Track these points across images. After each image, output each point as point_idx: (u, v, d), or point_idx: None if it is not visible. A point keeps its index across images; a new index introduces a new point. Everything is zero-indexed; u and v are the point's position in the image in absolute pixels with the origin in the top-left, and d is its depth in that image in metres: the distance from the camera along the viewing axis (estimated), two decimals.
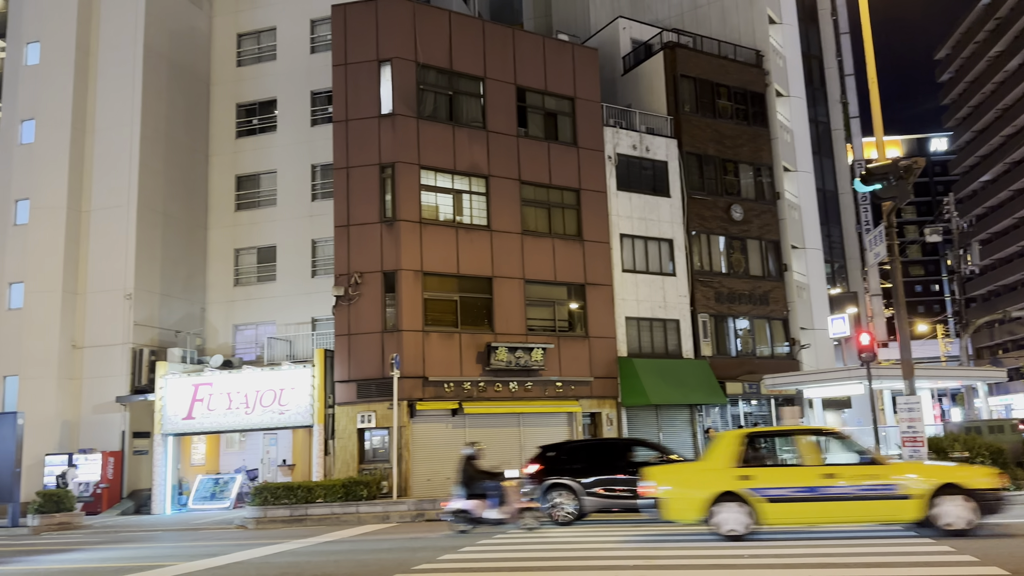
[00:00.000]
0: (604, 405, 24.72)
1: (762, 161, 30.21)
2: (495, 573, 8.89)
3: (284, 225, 27.33)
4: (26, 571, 11.61)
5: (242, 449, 25.75)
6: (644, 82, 29.89)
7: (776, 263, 29.68)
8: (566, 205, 25.37)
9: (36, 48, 26.58)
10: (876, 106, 16.83)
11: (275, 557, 11.50)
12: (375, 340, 21.97)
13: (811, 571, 8.01)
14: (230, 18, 29.42)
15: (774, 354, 28.89)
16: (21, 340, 24.59)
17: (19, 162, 25.99)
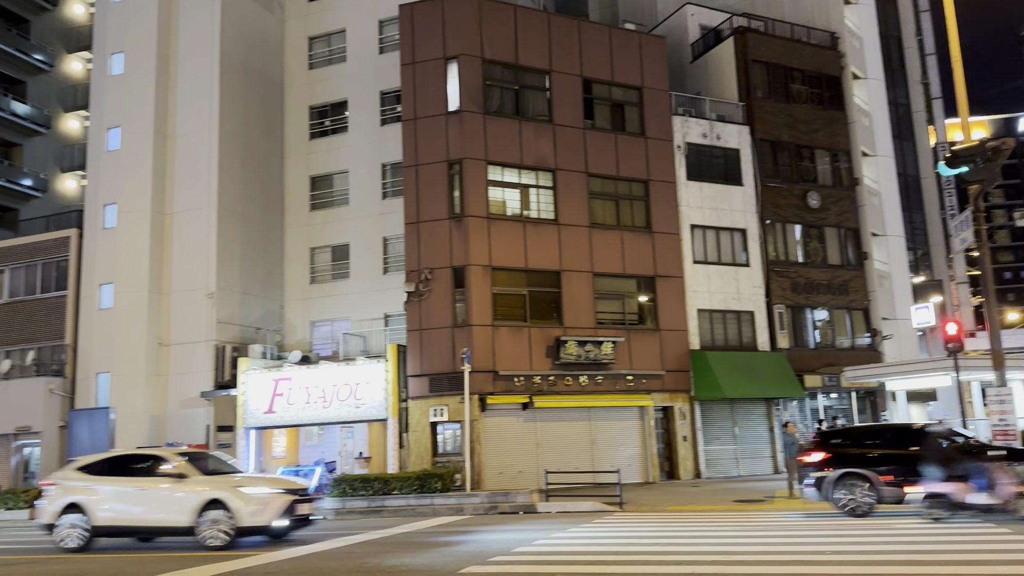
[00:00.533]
0: (676, 399, 24.41)
1: (839, 146, 29.27)
2: (567, 566, 8.88)
3: (356, 223, 27.87)
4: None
5: (320, 442, 26.42)
6: (714, 69, 29.32)
7: (856, 251, 28.73)
8: (634, 197, 25.11)
9: (120, 58, 27.75)
10: (960, 85, 16.10)
11: (354, 547, 11.77)
12: (446, 335, 22.21)
13: None
14: (301, 22, 30.13)
15: (854, 345, 28.00)
16: (112, 339, 25.77)
17: (106, 168, 27.20)
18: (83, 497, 12.99)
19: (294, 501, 12.68)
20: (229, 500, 12.29)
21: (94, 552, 12.88)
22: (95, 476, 13.26)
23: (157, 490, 12.76)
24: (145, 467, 13.29)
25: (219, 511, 12.26)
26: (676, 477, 24.03)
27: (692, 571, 8.15)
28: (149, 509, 12.75)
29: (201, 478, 12.76)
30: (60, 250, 27.96)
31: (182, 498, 12.48)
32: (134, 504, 12.84)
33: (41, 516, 13.42)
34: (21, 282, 28.51)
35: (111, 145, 27.34)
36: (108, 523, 12.86)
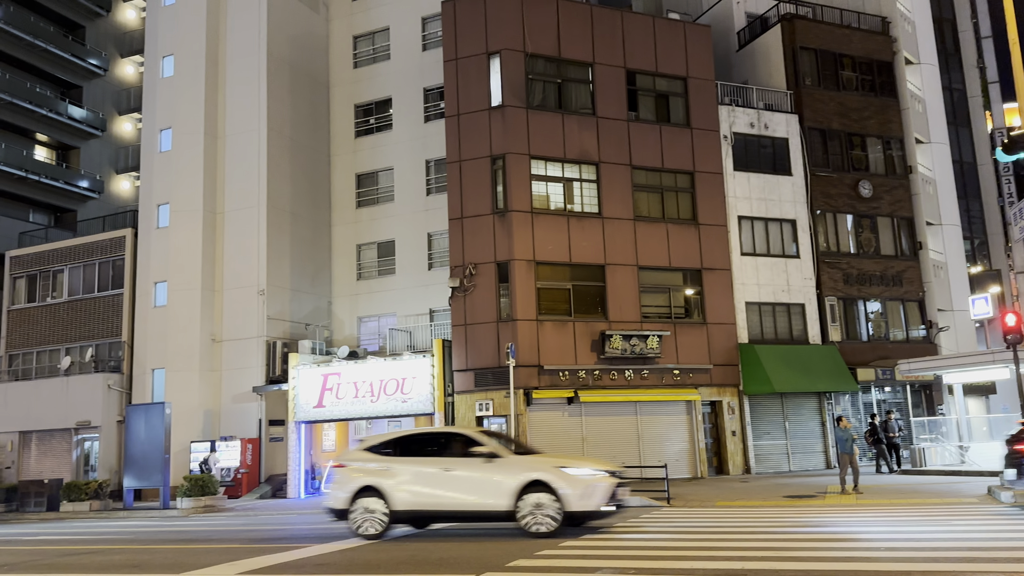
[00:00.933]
0: (725, 393, 24.12)
1: (892, 133, 28.55)
2: (614, 560, 8.85)
3: (401, 220, 28.12)
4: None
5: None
6: (761, 57, 28.82)
7: (910, 241, 28.02)
8: (680, 188, 24.84)
9: (171, 61, 28.41)
10: (1018, 69, 15.57)
11: (406, 540, 11.89)
12: (490, 330, 22.28)
13: None
14: (345, 21, 30.45)
15: (909, 338, 27.32)
16: (166, 335, 26.44)
17: (159, 169, 27.88)
18: (379, 480, 11.82)
19: (617, 485, 11.61)
20: (554, 482, 11.13)
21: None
22: (389, 457, 12.14)
23: (467, 471, 11.55)
24: (443, 447, 12.34)
25: (542, 494, 11.11)
26: (725, 472, 23.75)
27: (742, 567, 8.05)
28: (459, 492, 11.54)
29: (516, 458, 11.68)
30: (116, 250, 28.78)
31: (499, 480, 11.30)
32: (440, 487, 11.64)
33: (332, 501, 12.26)
34: (80, 281, 29.43)
35: (163, 146, 28.01)
36: (409, 507, 11.73)
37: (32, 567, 10.81)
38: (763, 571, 7.77)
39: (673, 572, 7.91)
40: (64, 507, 22.70)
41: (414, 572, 8.69)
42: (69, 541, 14.66)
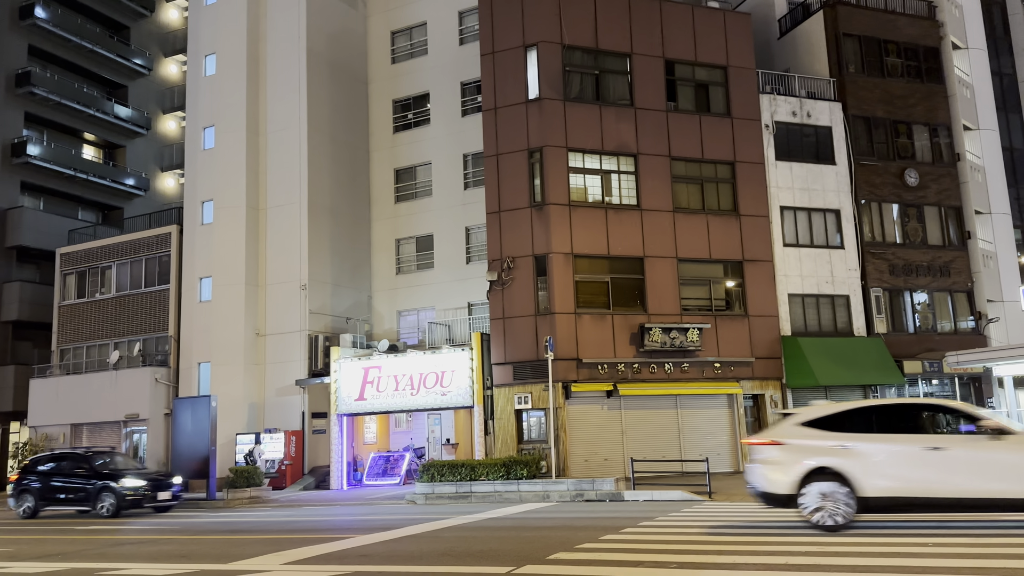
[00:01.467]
0: (767, 387, 23.82)
1: (939, 120, 27.85)
2: (656, 555, 8.81)
3: (439, 214, 28.25)
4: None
5: (409, 428, 26.99)
6: (803, 44, 28.30)
7: (958, 231, 27.33)
8: (720, 179, 24.54)
9: (213, 60, 28.87)
10: None
11: (444, 532, 11.99)
12: (528, 323, 22.29)
13: None
14: (383, 16, 30.63)
15: (957, 329, 26.68)
16: (212, 330, 26.95)
17: (202, 166, 28.38)
18: (838, 460, 10.15)
19: None
20: None
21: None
22: (844, 434, 10.41)
23: (968, 450, 9.79)
24: (916, 422, 10.63)
25: None
26: None
27: (786, 562, 7.96)
28: (959, 476, 9.70)
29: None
30: (162, 246, 29.40)
31: (1017, 462, 9.49)
32: (929, 469, 9.80)
33: (768, 484, 10.61)
34: (127, 277, 30.12)
35: (207, 144, 28.49)
36: (887, 494, 9.95)
37: (84, 556, 11.12)
38: (807, 566, 7.67)
39: (715, 567, 7.85)
40: None
41: (455, 564, 8.75)
42: (119, 531, 15.06)
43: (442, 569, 8.49)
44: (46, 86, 36.12)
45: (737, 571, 7.57)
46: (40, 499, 19.58)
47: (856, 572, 7.31)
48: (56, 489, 19.51)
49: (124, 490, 18.61)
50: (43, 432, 29.68)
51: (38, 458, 20.92)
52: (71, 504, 19.30)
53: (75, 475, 19.42)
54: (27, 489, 19.80)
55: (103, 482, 18.85)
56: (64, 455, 20.51)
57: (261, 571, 8.87)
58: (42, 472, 19.94)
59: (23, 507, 19.67)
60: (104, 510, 18.49)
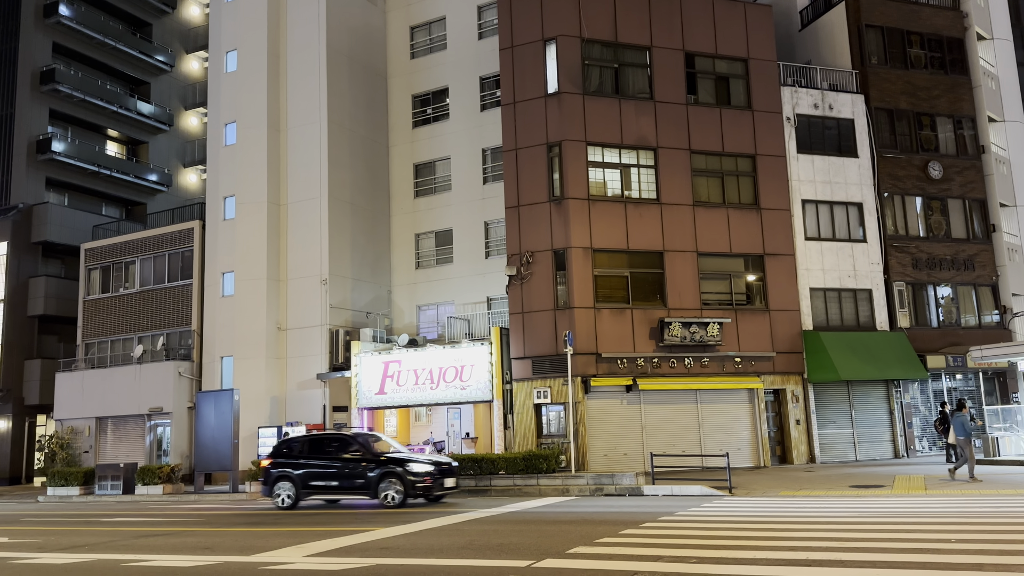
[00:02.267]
0: (788, 381, 23.68)
1: (963, 112, 27.49)
2: (676, 549, 8.81)
3: (458, 209, 28.30)
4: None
5: (429, 422, 27.11)
6: (824, 36, 28.03)
7: (982, 224, 26.99)
8: (741, 173, 24.39)
9: (234, 56, 29.06)
10: None
11: (464, 525, 12.05)
12: (548, 317, 22.30)
13: None
14: (402, 12, 30.69)
15: (981, 324, 26.37)
16: (234, 324, 27.19)
17: (224, 162, 28.60)
18: None
19: None
20: None
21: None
22: None
23: None
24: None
25: None
26: (789, 462, 23.36)
27: (806, 557, 7.93)
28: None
29: None
30: (185, 241, 29.69)
31: None
32: None
33: None
34: (151, 272, 30.46)
35: (228, 140, 28.70)
36: None
37: (110, 547, 11.30)
38: (827, 561, 7.64)
39: (735, 562, 7.84)
40: (139, 490, 23.63)
41: (476, 557, 8.81)
42: (144, 523, 15.28)
43: (463, 562, 8.54)
44: (70, 83, 36.56)
45: (758, 566, 7.55)
46: (302, 487, 16.88)
47: (877, 568, 7.27)
48: (321, 475, 16.82)
49: (413, 476, 15.91)
50: (69, 425, 30.14)
51: (289, 441, 18.12)
52: (341, 492, 16.76)
53: (344, 459, 16.72)
54: (285, 476, 17.04)
55: (386, 467, 16.11)
56: (321, 437, 17.77)
57: (283, 563, 8.98)
58: (298, 456, 17.24)
59: (281, 497, 17.02)
60: (389, 499, 15.88)
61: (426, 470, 16.04)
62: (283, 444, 17.99)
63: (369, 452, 16.62)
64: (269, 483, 17.25)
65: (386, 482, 16.01)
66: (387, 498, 15.90)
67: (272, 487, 17.17)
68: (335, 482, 16.67)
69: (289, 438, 18.50)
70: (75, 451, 29.69)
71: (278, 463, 17.34)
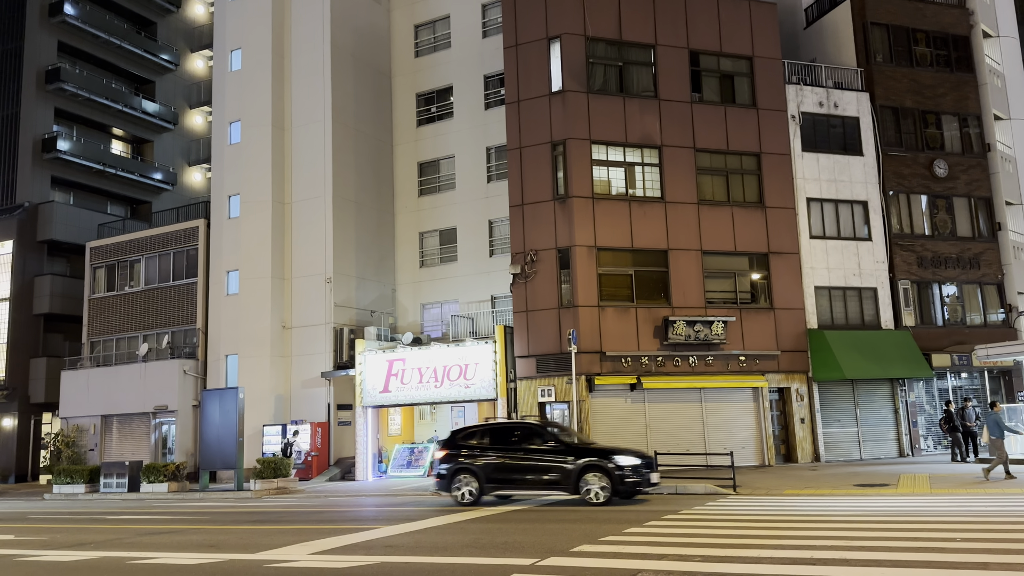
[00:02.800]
0: (793, 380, 23.65)
1: (968, 110, 27.40)
2: (680, 548, 8.81)
3: (462, 208, 28.31)
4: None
5: (433, 420, 27.14)
6: (829, 34, 27.96)
7: (988, 222, 26.91)
8: (745, 171, 24.35)
9: (238, 55, 29.10)
10: None
11: (468, 523, 12.06)
12: (552, 316, 22.30)
13: None
14: (407, 10, 30.69)
15: (987, 322, 26.29)
16: (239, 323, 27.25)
17: (229, 161, 28.65)
18: None
19: None
20: None
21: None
22: None
23: None
24: None
25: None
26: (793, 460, 23.33)
27: (810, 556, 7.93)
28: None
29: None
30: (189, 240, 29.75)
31: None
32: None
33: None
34: (155, 270, 30.53)
35: (233, 138, 28.75)
36: None
37: (115, 545, 11.34)
38: (832, 560, 7.63)
39: (739, 560, 7.83)
40: (144, 488, 23.69)
41: (480, 555, 8.82)
42: (149, 520, 15.32)
43: (467, 560, 8.55)
44: (75, 82, 36.64)
45: (762, 564, 7.55)
46: (487, 481, 15.24)
47: (883, 567, 7.27)
48: (509, 468, 15.16)
49: (621, 470, 14.33)
50: (74, 423, 30.23)
51: (465, 430, 16.51)
52: (533, 488, 15.02)
53: (534, 450, 15.16)
54: (465, 469, 15.44)
55: (588, 459, 14.50)
56: (504, 426, 16.31)
57: (288, 561, 9.00)
58: (478, 447, 15.70)
59: (462, 491, 15.38)
60: (593, 496, 14.25)
61: (634, 463, 14.46)
62: (459, 434, 16.33)
63: (563, 442, 15.08)
64: (447, 476, 15.60)
65: (589, 476, 14.34)
66: (590, 494, 14.26)
67: (450, 481, 15.53)
68: (527, 476, 14.93)
69: (465, 427, 16.72)
70: (80, 449, 29.79)
71: (455, 454, 15.72)
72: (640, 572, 7.36)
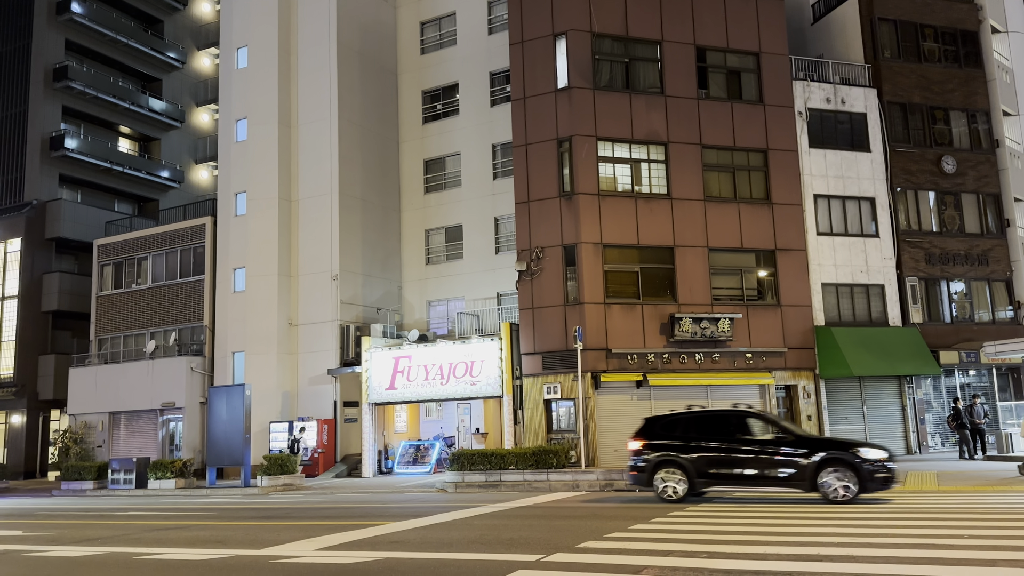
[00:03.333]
0: (800, 377, 23.58)
1: (977, 106, 27.26)
2: (686, 544, 8.80)
3: (468, 205, 28.31)
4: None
5: (439, 417, 27.16)
6: (837, 29, 27.84)
7: (996, 218, 26.76)
8: (752, 167, 24.27)
9: (244, 52, 29.14)
10: None
11: (474, 519, 12.07)
12: (558, 313, 22.28)
13: None
14: (412, 7, 30.68)
15: (995, 319, 26.17)
16: (246, 320, 27.31)
17: (235, 158, 28.70)
18: None
19: None
20: None
21: None
22: None
23: None
24: None
25: None
26: None
27: (817, 552, 7.90)
28: None
29: None
30: (196, 237, 29.83)
31: None
32: None
33: None
34: (163, 268, 30.63)
35: (239, 136, 28.79)
36: None
37: (122, 541, 11.38)
38: (839, 557, 7.61)
39: (745, 557, 7.81)
40: (151, 484, 23.78)
41: (486, 551, 8.81)
42: (156, 516, 15.38)
43: (473, 556, 8.55)
44: (82, 80, 36.76)
45: (767, 561, 7.52)
46: (697, 476, 13.70)
47: (891, 564, 7.24)
48: (724, 462, 13.59)
49: (871, 464, 12.67)
50: (82, 420, 30.36)
51: (666, 418, 14.87)
52: (758, 484, 13.41)
53: (756, 442, 13.56)
54: (670, 462, 13.91)
55: (826, 453, 12.89)
56: (714, 414, 14.82)
57: (294, 557, 9.01)
58: (684, 437, 14.11)
59: (668, 486, 13.86)
60: (836, 493, 12.61)
61: (881, 456, 12.86)
62: (658, 422, 14.77)
63: (792, 433, 13.64)
64: (646, 470, 14.10)
65: (831, 471, 12.73)
66: (832, 491, 12.64)
67: (651, 475, 14.04)
68: (749, 470, 13.35)
69: (666, 415, 15.10)
70: (88, 446, 29.92)
71: (657, 445, 14.21)
72: (645, 568, 7.34)
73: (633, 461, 14.45)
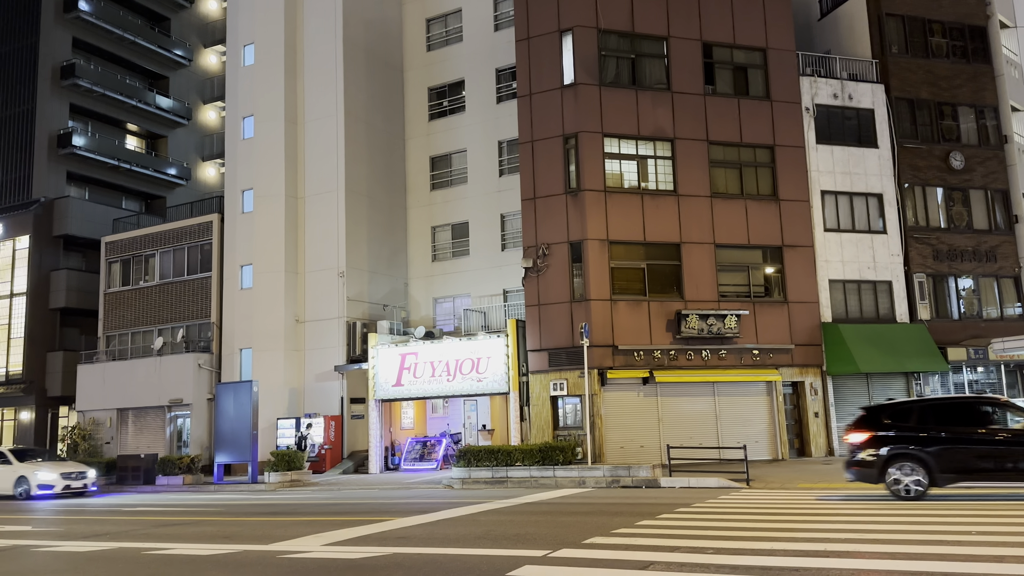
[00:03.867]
0: (807, 374, 23.53)
1: (985, 102, 27.11)
2: (692, 540, 8.80)
3: (474, 201, 28.31)
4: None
5: (446, 414, 27.18)
6: (844, 25, 27.73)
7: (1005, 215, 26.64)
8: (759, 164, 24.21)
9: (251, 50, 29.18)
10: None
11: (481, 516, 12.08)
12: (564, 310, 22.28)
13: None
14: (418, 4, 30.67)
15: (1004, 316, 26.06)
16: (253, 317, 27.38)
17: (242, 156, 28.75)
18: None
19: None
20: None
21: None
22: None
23: None
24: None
25: None
26: (807, 455, 23.23)
27: (824, 548, 7.89)
28: None
29: None
30: (203, 234, 29.90)
31: None
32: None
33: None
34: (170, 265, 30.72)
35: (246, 133, 28.85)
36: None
37: (131, 536, 11.44)
38: (846, 553, 7.60)
39: (752, 553, 7.80)
40: (159, 480, 23.88)
41: (492, 547, 8.83)
42: (164, 512, 15.45)
43: (480, 551, 8.56)
44: (90, 78, 36.86)
45: (775, 557, 7.52)
46: (940, 471, 12.14)
47: (897, 560, 7.22)
48: (974, 455, 12.13)
49: None
50: (90, 416, 30.50)
51: (892, 408, 13.23)
52: (1017, 478, 12.06)
53: (1005, 432, 12.20)
54: (906, 455, 12.36)
55: None
56: (951, 402, 13.56)
57: (301, 552, 9.04)
58: (917, 428, 12.59)
59: (904, 484, 12.29)
60: None
61: None
62: (883, 412, 13.19)
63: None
64: (876, 464, 12.57)
65: None
66: None
67: (882, 469, 12.50)
68: (1008, 464, 11.91)
69: (892, 403, 13.50)
70: (97, 442, 30.05)
71: (886, 437, 12.68)
72: (652, 564, 7.35)
73: (856, 455, 12.91)
